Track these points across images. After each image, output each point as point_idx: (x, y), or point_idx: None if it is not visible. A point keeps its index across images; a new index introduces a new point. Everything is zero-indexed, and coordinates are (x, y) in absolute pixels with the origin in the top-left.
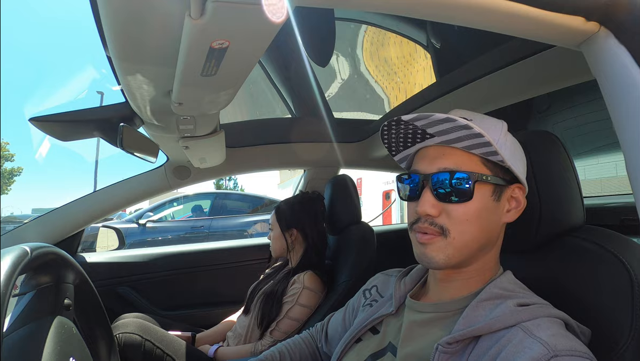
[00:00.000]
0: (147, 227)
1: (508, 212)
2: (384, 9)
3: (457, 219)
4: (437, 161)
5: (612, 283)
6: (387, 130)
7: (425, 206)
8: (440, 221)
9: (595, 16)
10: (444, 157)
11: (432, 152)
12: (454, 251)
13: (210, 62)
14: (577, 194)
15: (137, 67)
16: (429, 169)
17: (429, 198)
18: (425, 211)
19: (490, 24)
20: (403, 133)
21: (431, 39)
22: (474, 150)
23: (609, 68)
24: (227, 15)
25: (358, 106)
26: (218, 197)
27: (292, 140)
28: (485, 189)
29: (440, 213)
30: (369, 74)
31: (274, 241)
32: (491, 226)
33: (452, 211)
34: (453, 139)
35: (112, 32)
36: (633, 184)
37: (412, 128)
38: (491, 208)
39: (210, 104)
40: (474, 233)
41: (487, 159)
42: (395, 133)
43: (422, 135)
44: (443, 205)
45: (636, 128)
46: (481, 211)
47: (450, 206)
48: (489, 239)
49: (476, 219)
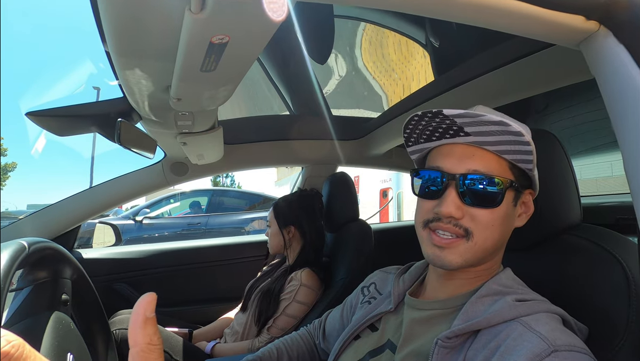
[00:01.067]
0: (144, 223)
1: (519, 217)
2: (384, 5)
3: (482, 225)
4: (466, 161)
5: (609, 280)
6: (417, 120)
7: (451, 207)
8: (465, 223)
9: (595, 15)
10: (474, 159)
11: (460, 151)
12: (472, 256)
13: (209, 57)
14: (575, 193)
15: (136, 62)
16: (456, 168)
17: (455, 199)
18: (450, 212)
19: (490, 21)
20: (434, 126)
21: (430, 38)
22: (506, 155)
23: (608, 67)
24: (227, 9)
25: (356, 103)
26: (215, 194)
27: (290, 137)
28: (510, 195)
29: (464, 215)
30: (367, 71)
31: (271, 238)
32: (508, 231)
33: (478, 215)
34: (490, 141)
35: (110, 27)
36: (631, 183)
37: (448, 123)
38: (511, 214)
39: (209, 100)
40: (496, 239)
41: (514, 165)
42: (425, 124)
43: (455, 132)
44: (468, 208)
45: (635, 127)
46: (504, 218)
47: (477, 210)
48: (503, 243)
49: (500, 226)
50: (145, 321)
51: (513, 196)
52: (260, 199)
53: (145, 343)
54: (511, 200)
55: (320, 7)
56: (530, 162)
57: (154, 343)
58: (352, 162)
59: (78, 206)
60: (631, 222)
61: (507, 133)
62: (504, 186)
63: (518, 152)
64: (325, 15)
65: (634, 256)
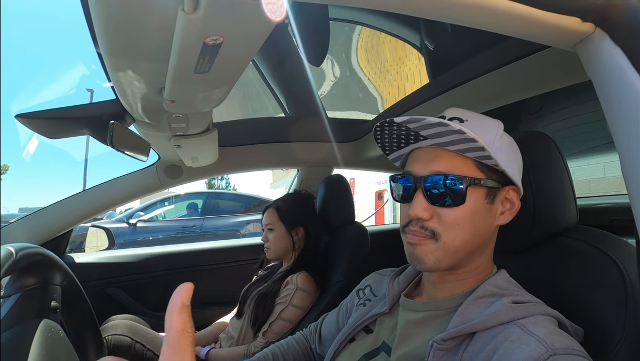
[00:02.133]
0: (138, 227)
1: (502, 214)
2: (380, 5)
3: (448, 224)
4: (430, 164)
5: (605, 282)
6: (380, 131)
7: (418, 210)
8: (432, 225)
9: (591, 17)
10: (437, 160)
11: (425, 154)
12: (444, 255)
13: (203, 58)
14: (571, 194)
15: (128, 64)
16: (422, 171)
17: (421, 201)
18: (417, 214)
19: (485, 23)
20: (396, 134)
21: (424, 41)
22: (467, 153)
23: (605, 69)
24: (221, 10)
25: (351, 105)
26: (210, 196)
27: (285, 139)
28: (479, 193)
29: (432, 216)
30: (363, 74)
31: (277, 241)
32: (484, 230)
33: (444, 215)
34: (446, 142)
35: (102, 27)
36: (628, 184)
37: (405, 130)
38: (484, 211)
39: (203, 102)
40: (465, 237)
41: (481, 162)
42: (389, 134)
43: (415, 137)
44: (435, 208)
45: (631, 129)
46: (473, 215)
47: (443, 210)
48: (481, 242)
49: (468, 223)
50: (182, 308)
51: (485, 193)
52: (256, 201)
53: (180, 329)
54: (482, 197)
55: (315, 8)
56: (489, 158)
57: (187, 329)
58: (348, 165)
59: (70, 210)
60: (625, 223)
61: (452, 133)
62: (465, 184)
63: (473, 150)
64: (321, 16)
65: (631, 258)
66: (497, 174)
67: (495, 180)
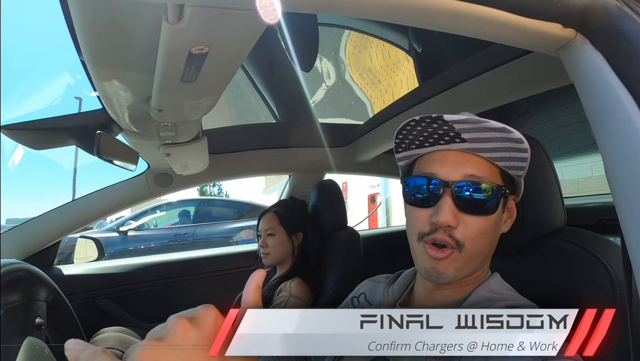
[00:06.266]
0: (129, 235)
1: (505, 222)
2: (367, 14)
3: (474, 233)
4: (461, 168)
5: (594, 283)
6: (413, 125)
7: (448, 216)
8: (457, 233)
9: (571, 23)
10: (470, 165)
11: (454, 157)
12: (463, 265)
13: (190, 67)
14: (558, 196)
15: (114, 73)
16: (451, 175)
17: (451, 207)
18: (447, 221)
19: (470, 29)
20: (429, 132)
21: (413, 44)
22: (499, 162)
23: (586, 73)
24: (205, 20)
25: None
26: (202, 203)
27: (276, 145)
28: (502, 202)
29: (459, 224)
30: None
31: (278, 247)
32: (496, 238)
33: (472, 223)
34: (485, 148)
35: (85, 37)
36: (611, 184)
37: (445, 129)
38: (499, 220)
39: (192, 110)
40: (485, 246)
41: (504, 171)
42: (421, 130)
43: (451, 138)
44: (462, 216)
45: (613, 131)
46: (496, 225)
47: (470, 218)
48: (492, 250)
49: (491, 233)
50: (256, 288)
51: (503, 202)
52: (249, 207)
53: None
54: (501, 207)
55: (304, 15)
56: (522, 169)
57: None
58: (340, 170)
59: (59, 221)
60: (612, 222)
61: (507, 140)
62: (499, 192)
63: (513, 159)
64: (310, 22)
65: (617, 257)
66: (511, 184)
67: (509, 189)
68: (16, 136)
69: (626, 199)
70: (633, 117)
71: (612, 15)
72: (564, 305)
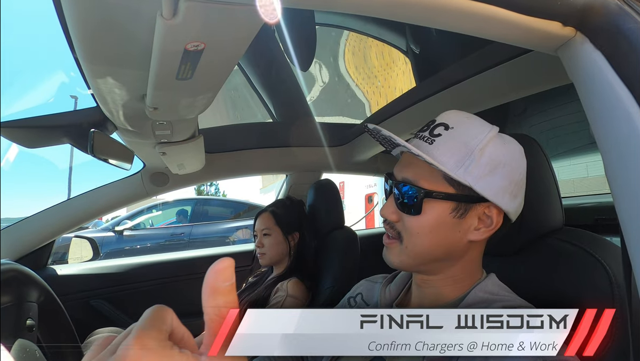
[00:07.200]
0: (125, 235)
1: (476, 230)
2: (367, 12)
3: (409, 230)
4: (403, 170)
5: (592, 284)
6: (370, 133)
7: (386, 210)
8: (399, 227)
9: (571, 21)
10: (410, 168)
11: (404, 159)
12: (407, 259)
13: (185, 64)
14: (556, 197)
15: (107, 70)
16: (397, 175)
17: (391, 203)
18: (384, 214)
19: (469, 27)
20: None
21: (410, 45)
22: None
23: (585, 72)
24: (201, 15)
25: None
26: (199, 203)
27: (273, 145)
28: (441, 206)
29: (399, 219)
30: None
31: (274, 247)
32: (449, 242)
33: (406, 221)
34: (417, 153)
35: (78, 33)
36: (611, 184)
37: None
38: (450, 225)
39: (188, 109)
40: (426, 246)
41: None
42: (377, 137)
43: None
44: (401, 214)
45: (613, 130)
46: (434, 227)
47: (406, 216)
48: (448, 254)
49: (428, 234)
50: (214, 292)
51: (451, 207)
52: (245, 207)
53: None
54: (447, 211)
55: (302, 14)
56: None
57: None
58: (337, 169)
59: (53, 220)
60: (609, 222)
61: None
62: (420, 195)
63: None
64: (307, 21)
65: (616, 258)
66: (472, 190)
67: (467, 195)
68: (10, 135)
69: (626, 198)
70: (633, 116)
71: (612, 14)
72: (563, 305)
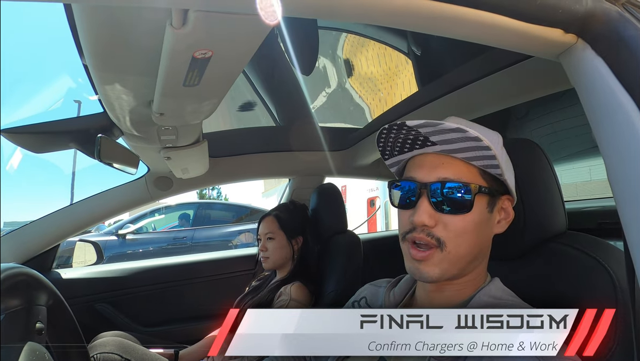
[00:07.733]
0: (127, 239)
1: (498, 223)
2: (368, 20)
3: (454, 232)
4: (436, 170)
5: (596, 288)
6: (386, 133)
7: (423, 216)
8: (437, 232)
9: (573, 28)
10: (444, 167)
11: (431, 160)
12: (448, 266)
13: (192, 72)
14: (559, 201)
15: (116, 77)
16: (427, 177)
17: (427, 208)
18: (422, 221)
19: (472, 35)
20: (402, 138)
21: (412, 47)
22: (474, 161)
23: (587, 78)
24: (209, 24)
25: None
26: (201, 207)
27: (276, 149)
28: (483, 201)
29: (436, 223)
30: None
31: (277, 251)
32: (484, 238)
33: (450, 223)
34: (456, 149)
35: (89, 41)
36: (613, 188)
37: (414, 134)
38: (485, 220)
39: (193, 114)
40: (469, 246)
41: (485, 171)
42: (394, 137)
43: (422, 142)
44: (440, 216)
45: (614, 135)
46: (477, 224)
47: (448, 217)
48: (481, 250)
49: (472, 232)
50: None
51: (487, 202)
52: (247, 211)
53: None
54: (485, 206)
55: (304, 19)
56: (497, 167)
57: None
58: (340, 173)
59: (57, 224)
60: (612, 226)
61: (467, 140)
62: (474, 191)
63: (483, 158)
64: (310, 26)
65: (619, 262)
66: (497, 183)
67: (495, 189)
68: (17, 140)
69: (628, 202)
70: (634, 122)
71: (613, 21)
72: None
